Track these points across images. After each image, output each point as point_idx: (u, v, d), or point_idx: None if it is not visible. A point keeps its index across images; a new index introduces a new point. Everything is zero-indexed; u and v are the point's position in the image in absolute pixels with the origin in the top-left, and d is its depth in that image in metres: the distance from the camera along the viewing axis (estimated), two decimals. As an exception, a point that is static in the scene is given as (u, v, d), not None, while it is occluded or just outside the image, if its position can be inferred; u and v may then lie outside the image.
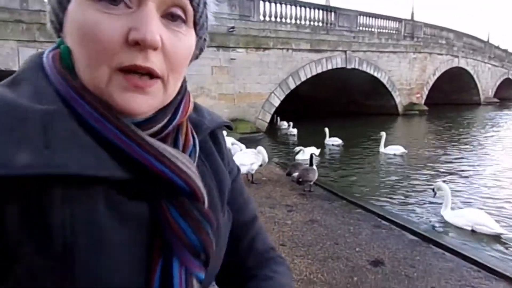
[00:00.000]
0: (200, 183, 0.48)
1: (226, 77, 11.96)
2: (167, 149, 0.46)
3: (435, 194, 5.06)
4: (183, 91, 0.54)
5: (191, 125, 0.56)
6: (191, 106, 0.55)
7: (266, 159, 6.29)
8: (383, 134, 9.59)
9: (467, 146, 11.48)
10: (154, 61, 0.44)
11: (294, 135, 13.23)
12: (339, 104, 20.59)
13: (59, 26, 0.48)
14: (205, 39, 0.58)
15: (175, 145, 0.51)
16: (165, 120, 0.49)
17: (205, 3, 0.52)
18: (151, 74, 0.44)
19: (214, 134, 0.63)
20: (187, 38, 0.48)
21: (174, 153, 0.47)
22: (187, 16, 0.48)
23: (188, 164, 0.48)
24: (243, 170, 5.76)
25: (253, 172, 5.93)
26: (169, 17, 0.46)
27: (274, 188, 5.71)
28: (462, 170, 7.98)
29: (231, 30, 11.96)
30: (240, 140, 8.62)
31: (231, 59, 11.96)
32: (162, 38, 0.44)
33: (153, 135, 0.47)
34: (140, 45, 0.42)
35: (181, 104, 0.52)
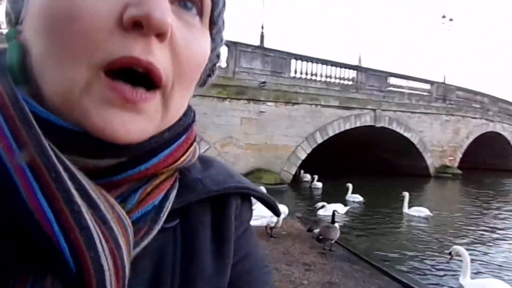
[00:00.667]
0: (120, 269, 0.29)
1: (254, 128, 12.28)
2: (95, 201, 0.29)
3: (451, 257, 4.72)
4: (187, 121, 0.39)
5: (183, 181, 0.39)
6: (192, 151, 0.39)
7: (286, 212, 6.23)
8: (406, 194, 9.28)
9: (500, 215, 10.85)
10: (158, 57, 0.30)
11: (318, 188, 13.03)
12: (369, 161, 20.30)
13: (15, 16, 0.34)
14: (218, 56, 0.44)
15: (124, 199, 0.33)
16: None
17: (224, 1, 0.39)
18: (149, 81, 0.31)
19: (223, 202, 0.42)
20: (202, 37, 0.36)
21: (103, 213, 0.29)
22: (203, 8, 0.36)
23: (113, 235, 0.29)
24: (263, 222, 5.70)
25: (273, 225, 5.84)
26: (181, 3, 0.34)
27: (293, 244, 5.55)
28: (491, 239, 7.51)
29: (262, 84, 12.48)
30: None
31: (261, 111, 12.35)
32: (172, 27, 0.31)
33: (97, 174, 0.31)
34: (141, 28, 0.29)
35: (177, 141, 0.36)
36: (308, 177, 14.23)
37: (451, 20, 24.29)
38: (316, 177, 13.56)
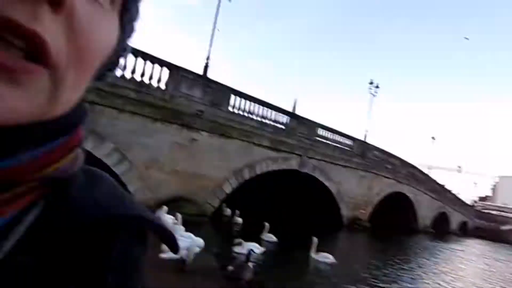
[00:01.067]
0: None
1: (183, 155, 11.98)
2: None
3: None
4: (75, 118, 0.31)
5: (54, 198, 0.30)
6: (72, 158, 0.30)
7: (202, 245, 6.02)
8: (315, 239, 9.69)
9: (401, 268, 11.88)
10: (49, 28, 0.24)
11: (238, 224, 13.01)
12: (289, 204, 20.87)
13: None
14: (125, 49, 0.36)
15: None
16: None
17: None
18: (36, 53, 0.24)
19: (105, 233, 0.32)
20: (110, 20, 0.30)
21: None
22: None
23: None
24: (179, 255, 5.41)
25: (188, 258, 5.57)
26: None
27: (203, 282, 5.32)
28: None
29: (199, 113, 12.41)
30: (183, 220, 8.28)
31: (193, 139, 12.16)
32: None
33: None
34: None
35: (57, 139, 0.29)
36: (229, 211, 14.13)
37: (377, 87, 27.22)
38: (238, 212, 13.51)
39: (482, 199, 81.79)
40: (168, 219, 8.05)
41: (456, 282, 11.93)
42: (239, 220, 13.21)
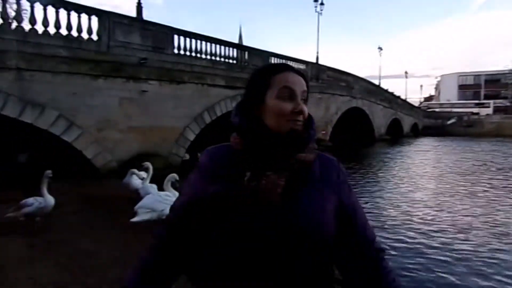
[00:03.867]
0: None
1: (136, 109, 11.24)
2: None
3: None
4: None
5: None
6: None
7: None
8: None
9: (363, 175, 12.95)
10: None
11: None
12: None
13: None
14: None
15: None
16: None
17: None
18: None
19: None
20: None
21: None
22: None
23: None
24: (154, 216, 5.22)
25: (164, 217, 5.40)
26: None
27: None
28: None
29: (142, 61, 11.42)
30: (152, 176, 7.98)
31: (142, 91, 11.34)
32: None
33: None
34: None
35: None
36: (188, 156, 13.84)
37: (322, 4, 26.37)
38: (199, 154, 13.33)
39: (427, 99, 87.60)
40: (140, 176, 7.66)
41: (411, 175, 13.33)
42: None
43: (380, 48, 49.42)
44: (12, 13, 9.47)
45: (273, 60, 18.40)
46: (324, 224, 0.97)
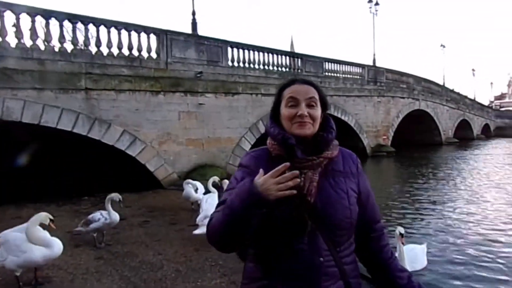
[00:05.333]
0: None
1: (194, 122, 11.49)
2: None
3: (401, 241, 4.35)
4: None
5: None
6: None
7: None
8: None
9: (431, 183, 11.95)
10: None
11: None
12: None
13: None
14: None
15: None
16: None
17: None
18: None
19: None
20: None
21: None
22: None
23: None
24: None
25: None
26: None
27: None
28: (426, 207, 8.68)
29: (198, 75, 11.69)
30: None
31: (199, 104, 11.58)
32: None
33: None
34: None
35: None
36: None
37: (377, 4, 25.28)
38: None
39: (498, 97, 79.95)
40: (195, 186, 7.64)
41: (482, 184, 11.86)
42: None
43: (443, 46, 46.15)
44: (81, 38, 10.22)
45: (327, 65, 17.92)
46: (348, 209, 1.18)
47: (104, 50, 9.94)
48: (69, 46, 9.50)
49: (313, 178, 1.15)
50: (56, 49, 9.15)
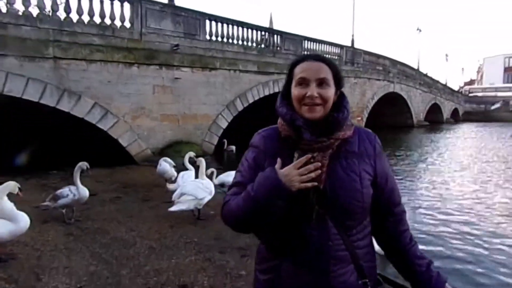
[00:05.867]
0: None
1: (169, 97, 11.17)
2: None
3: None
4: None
5: None
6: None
7: (213, 189, 5.59)
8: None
9: (402, 164, 12.40)
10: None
11: (232, 152, 13.19)
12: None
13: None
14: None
15: None
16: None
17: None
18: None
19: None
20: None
21: None
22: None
23: None
24: (191, 205, 5.04)
25: (201, 207, 5.22)
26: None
27: (224, 226, 5.03)
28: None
29: (175, 48, 11.27)
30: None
31: (175, 78, 11.23)
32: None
33: None
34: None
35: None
36: (233, 148, 13.66)
37: (357, -16, 25.02)
38: (225, 141, 13.50)
39: (468, 83, 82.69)
40: (171, 164, 7.49)
41: (451, 161, 12.61)
42: (233, 147, 13.37)
43: (419, 30, 46.77)
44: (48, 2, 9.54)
45: (306, 44, 17.75)
46: (359, 192, 1.14)
47: (74, 16, 9.36)
48: (34, 11, 8.86)
49: (322, 162, 1.10)
50: (20, 13, 8.51)
